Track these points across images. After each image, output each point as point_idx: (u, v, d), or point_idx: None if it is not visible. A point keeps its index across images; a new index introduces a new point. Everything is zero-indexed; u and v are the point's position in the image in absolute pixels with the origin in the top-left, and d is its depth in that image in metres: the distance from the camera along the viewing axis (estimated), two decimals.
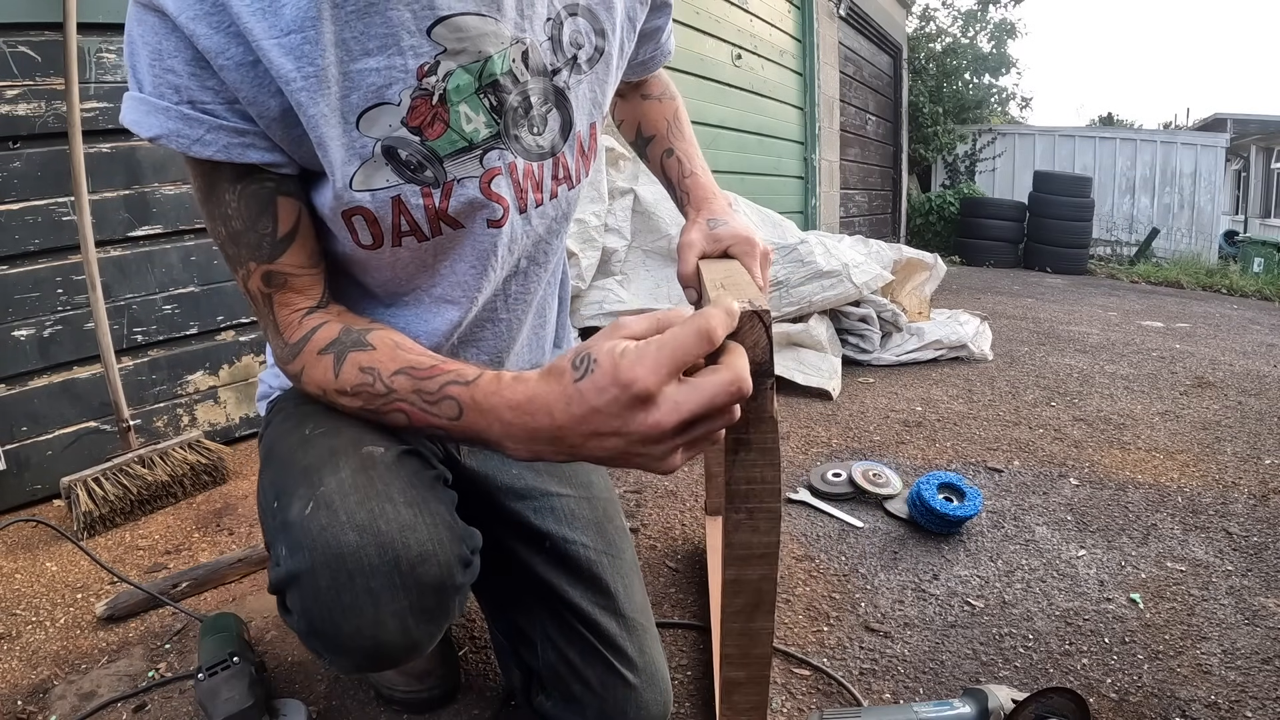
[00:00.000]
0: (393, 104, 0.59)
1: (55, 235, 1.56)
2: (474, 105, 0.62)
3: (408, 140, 0.60)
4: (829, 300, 2.49)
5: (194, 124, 0.56)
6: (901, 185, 7.94)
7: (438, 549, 0.57)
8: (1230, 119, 11.15)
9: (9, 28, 1.47)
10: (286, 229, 0.62)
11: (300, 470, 0.60)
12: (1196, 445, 1.93)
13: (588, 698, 0.78)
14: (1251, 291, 6.00)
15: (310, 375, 0.62)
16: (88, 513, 1.44)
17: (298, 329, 0.63)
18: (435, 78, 0.59)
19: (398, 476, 0.59)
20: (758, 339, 0.55)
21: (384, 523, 0.55)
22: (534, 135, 0.67)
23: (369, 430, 0.64)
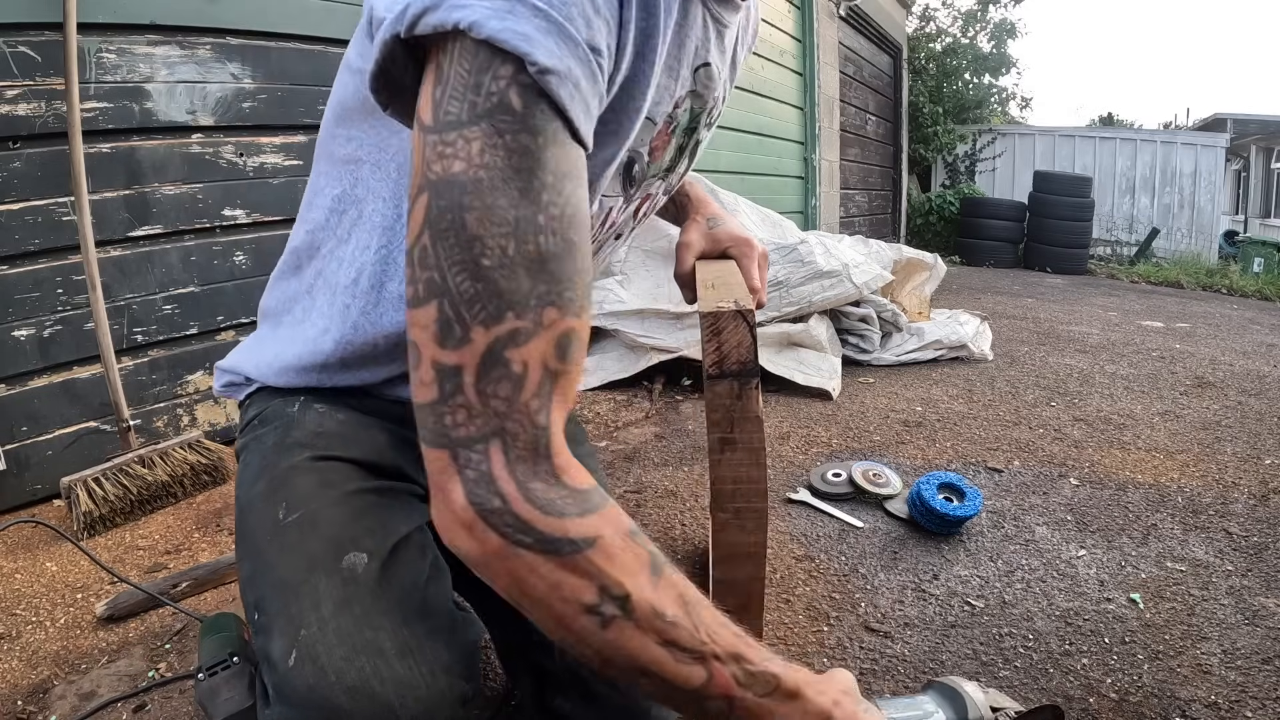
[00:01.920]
0: (655, 121, 0.58)
1: (55, 235, 1.56)
2: (677, 141, 0.63)
3: (643, 158, 0.60)
4: (829, 300, 2.49)
5: (589, 75, 0.42)
6: (901, 185, 7.94)
7: (439, 703, 0.53)
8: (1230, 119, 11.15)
9: (9, 28, 1.47)
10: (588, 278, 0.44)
11: (276, 582, 0.57)
12: (1196, 445, 1.93)
13: (610, 695, 0.76)
14: (1251, 291, 6.00)
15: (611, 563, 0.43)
16: (88, 513, 1.44)
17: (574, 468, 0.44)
18: (680, 110, 0.60)
19: (386, 608, 0.55)
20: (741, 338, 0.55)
21: (378, 683, 0.51)
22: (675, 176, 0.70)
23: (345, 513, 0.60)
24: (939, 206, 8.21)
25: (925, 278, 3.09)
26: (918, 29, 9.99)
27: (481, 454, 0.41)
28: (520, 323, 0.40)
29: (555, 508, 0.41)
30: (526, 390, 0.40)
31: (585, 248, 0.43)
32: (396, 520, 0.64)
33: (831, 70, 5.63)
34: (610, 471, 1.72)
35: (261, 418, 0.73)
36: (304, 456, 0.66)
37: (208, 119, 1.78)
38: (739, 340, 0.56)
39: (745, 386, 0.58)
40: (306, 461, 0.66)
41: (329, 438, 0.68)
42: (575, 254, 0.42)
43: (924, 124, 8.84)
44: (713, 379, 0.59)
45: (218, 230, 1.83)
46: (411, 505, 0.70)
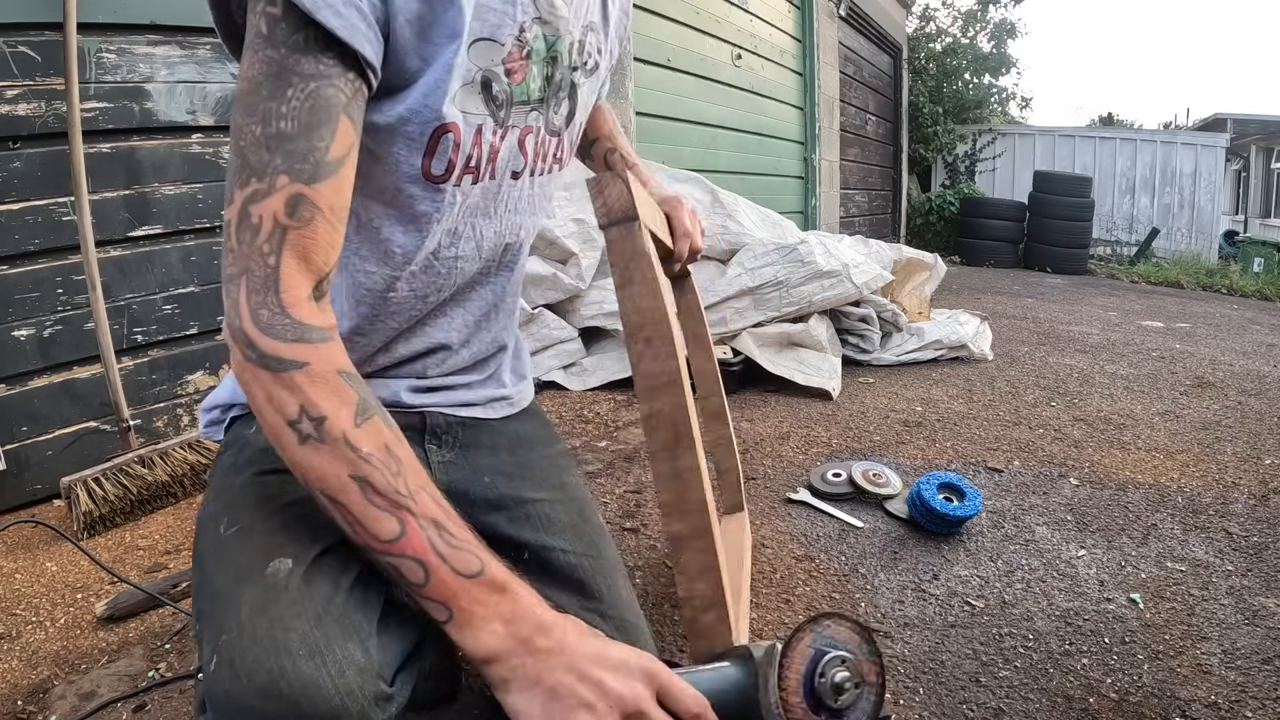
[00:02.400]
0: (499, 43, 0.64)
1: (55, 235, 1.56)
2: (539, 69, 0.69)
3: (500, 78, 0.65)
4: (829, 300, 2.49)
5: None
6: (901, 185, 7.94)
7: (347, 703, 0.54)
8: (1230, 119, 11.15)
9: (9, 28, 1.47)
10: (340, 153, 0.54)
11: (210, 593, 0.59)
12: (1196, 445, 1.93)
13: None
14: (1251, 291, 6.00)
15: (315, 390, 0.51)
16: (88, 513, 1.44)
17: (302, 307, 0.52)
18: (529, 34, 0.66)
19: (300, 612, 0.56)
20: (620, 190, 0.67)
21: (285, 684, 0.52)
22: (554, 113, 0.74)
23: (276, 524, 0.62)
24: (939, 206, 8.21)
25: (925, 278, 3.09)
26: (918, 29, 9.99)
27: (235, 287, 0.51)
28: (259, 185, 0.51)
29: (274, 331, 0.50)
30: (260, 237, 0.51)
31: (324, 131, 0.52)
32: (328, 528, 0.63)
33: (831, 70, 5.63)
34: (610, 471, 1.72)
35: (225, 443, 0.76)
36: (250, 473, 0.68)
37: (208, 119, 1.78)
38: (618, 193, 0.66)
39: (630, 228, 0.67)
40: (251, 477, 0.68)
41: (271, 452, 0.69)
42: (311, 136, 0.52)
43: (924, 124, 8.84)
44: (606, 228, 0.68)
45: (218, 230, 1.83)
46: None
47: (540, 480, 0.85)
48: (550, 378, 2.36)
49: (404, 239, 0.68)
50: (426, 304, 0.74)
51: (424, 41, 0.58)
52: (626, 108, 3.26)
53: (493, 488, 0.82)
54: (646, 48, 3.53)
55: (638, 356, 0.66)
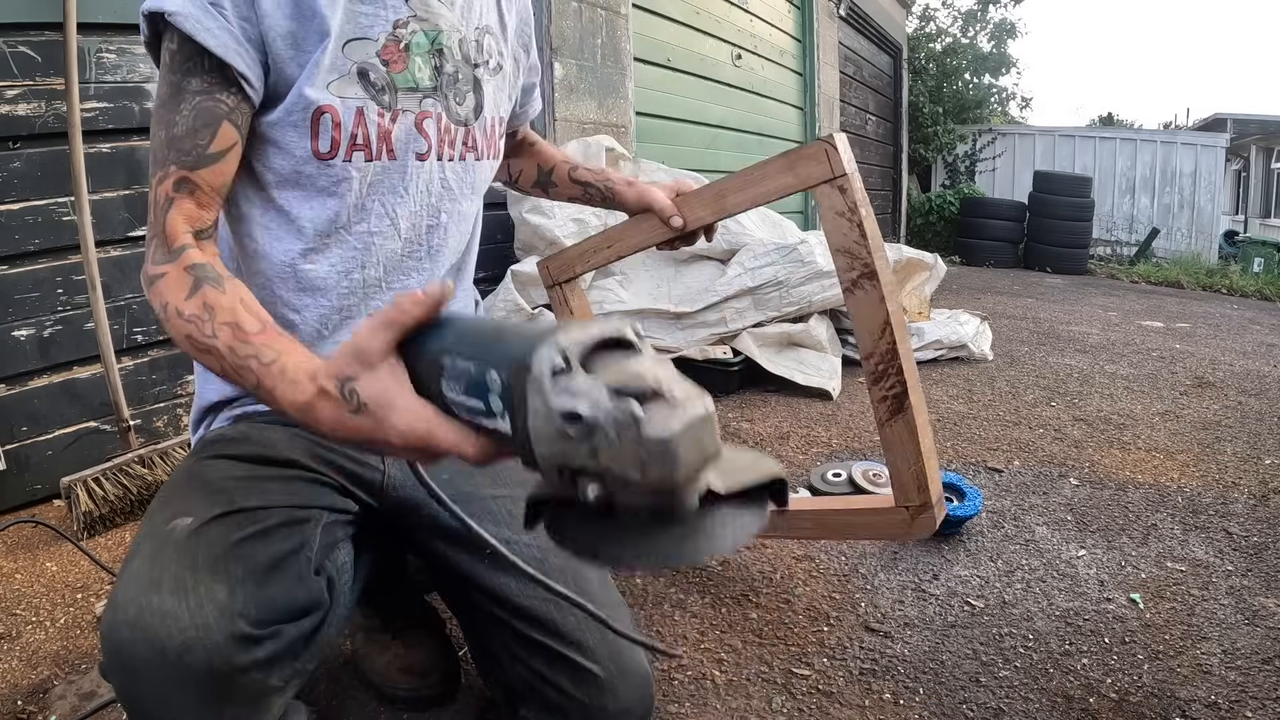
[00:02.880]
0: (371, 39, 0.74)
1: (55, 235, 1.56)
2: (425, 61, 0.78)
3: (377, 67, 0.75)
4: (829, 300, 2.49)
5: (210, 16, 0.66)
6: (901, 185, 7.94)
7: (202, 634, 0.57)
8: (1230, 119, 11.15)
9: (9, 28, 1.47)
10: (219, 148, 0.69)
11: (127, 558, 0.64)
12: (1196, 445, 1.93)
13: (566, 703, 0.76)
14: (1251, 291, 6.00)
15: (167, 285, 0.64)
16: (88, 513, 1.44)
17: (178, 239, 0.67)
18: (405, 30, 0.76)
19: (183, 556, 0.61)
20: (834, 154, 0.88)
21: (149, 615, 0.57)
22: (456, 103, 0.82)
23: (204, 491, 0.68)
24: (939, 206, 8.21)
25: (925, 278, 3.09)
26: (918, 29, 9.99)
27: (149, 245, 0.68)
28: (162, 173, 0.67)
29: (155, 259, 0.66)
30: (158, 208, 0.67)
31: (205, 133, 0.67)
32: (253, 494, 0.70)
33: (831, 70, 5.63)
34: None
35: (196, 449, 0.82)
36: (195, 457, 0.75)
37: None
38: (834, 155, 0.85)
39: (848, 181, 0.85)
40: (195, 463, 0.75)
41: (216, 443, 0.78)
42: (195, 136, 0.67)
43: (924, 124, 8.84)
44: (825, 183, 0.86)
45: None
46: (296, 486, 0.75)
47: (500, 478, 0.85)
48: None
49: (309, 213, 0.76)
50: (353, 282, 0.79)
51: (298, 51, 0.70)
52: (626, 108, 3.26)
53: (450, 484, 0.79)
54: (646, 48, 3.52)
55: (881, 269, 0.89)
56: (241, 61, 0.67)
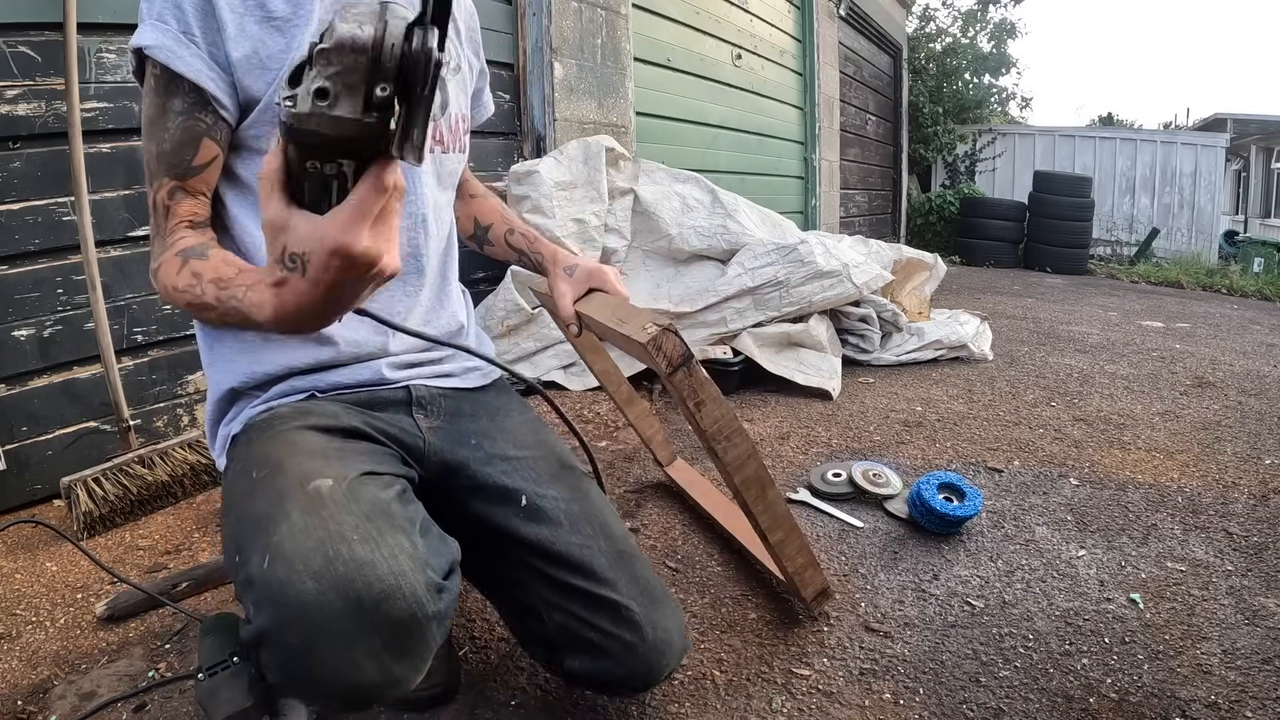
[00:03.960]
0: None
1: (55, 235, 1.56)
2: None
3: None
4: (829, 300, 2.49)
5: (183, 46, 0.73)
6: (901, 185, 7.94)
7: (400, 582, 0.58)
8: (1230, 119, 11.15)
9: (9, 28, 1.47)
10: (203, 161, 0.77)
11: (253, 520, 0.63)
12: (1196, 445, 1.93)
13: (607, 642, 0.81)
14: (1251, 291, 6.00)
15: (165, 273, 0.71)
16: (88, 513, 1.44)
17: (175, 234, 0.75)
18: None
19: (350, 510, 0.61)
20: (675, 342, 0.81)
21: (341, 564, 0.56)
22: None
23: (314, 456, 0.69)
24: (939, 206, 8.21)
25: (925, 278, 3.09)
26: (918, 29, 9.99)
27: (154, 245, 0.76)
28: (156, 184, 0.76)
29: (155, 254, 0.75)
30: (158, 213, 0.76)
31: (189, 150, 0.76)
32: (360, 462, 0.72)
33: (831, 70, 5.63)
34: (610, 472, 1.72)
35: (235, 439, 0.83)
36: (269, 434, 0.77)
37: None
38: (673, 344, 0.81)
39: (691, 367, 0.84)
40: (273, 436, 0.76)
41: (289, 418, 0.79)
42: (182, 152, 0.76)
43: (924, 124, 8.83)
44: (670, 374, 0.84)
45: None
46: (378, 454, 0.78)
47: (520, 441, 0.93)
48: (550, 378, 2.36)
49: None
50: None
51: (263, 70, 0.77)
52: (626, 108, 3.26)
53: (479, 448, 0.90)
54: (646, 48, 3.52)
55: (723, 450, 0.88)
56: (214, 85, 0.75)
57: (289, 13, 0.77)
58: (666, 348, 0.81)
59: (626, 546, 0.88)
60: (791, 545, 1.00)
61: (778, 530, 0.98)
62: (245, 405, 0.84)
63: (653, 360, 0.82)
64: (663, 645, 0.82)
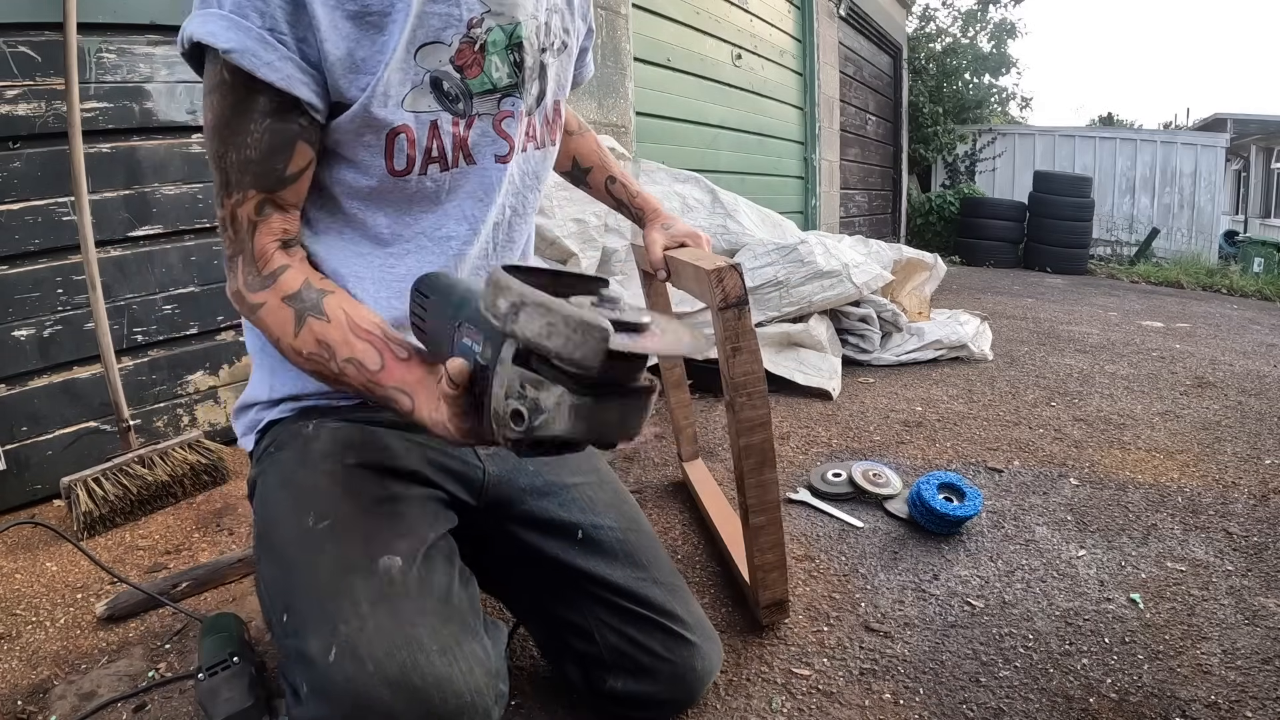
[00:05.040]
0: (445, 44, 0.71)
1: (55, 235, 1.56)
2: (502, 59, 0.75)
3: (451, 75, 0.72)
4: (829, 300, 2.49)
5: (269, 48, 0.62)
6: (901, 185, 7.94)
7: (476, 699, 0.57)
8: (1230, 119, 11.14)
9: (9, 28, 1.47)
10: (297, 169, 0.69)
11: (313, 590, 0.61)
12: (1196, 445, 1.93)
13: (658, 666, 0.83)
14: (1251, 291, 6.00)
15: (271, 319, 0.67)
16: (88, 513, 1.44)
17: (270, 261, 0.69)
18: (480, 29, 0.73)
19: (424, 608, 0.60)
20: (736, 281, 0.84)
21: (417, 677, 0.55)
22: (528, 95, 0.80)
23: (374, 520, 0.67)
24: (939, 206, 8.21)
25: (925, 278, 3.09)
26: (918, 29, 9.99)
27: (234, 263, 0.71)
28: (239, 196, 0.68)
29: (251, 285, 0.69)
30: (240, 229, 0.69)
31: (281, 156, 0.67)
32: (424, 527, 0.70)
33: (831, 70, 5.63)
34: None
35: (276, 443, 0.78)
36: (326, 467, 0.72)
37: None
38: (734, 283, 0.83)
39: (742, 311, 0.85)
40: (328, 471, 0.71)
41: (345, 448, 0.75)
42: (272, 160, 0.67)
43: (924, 124, 8.84)
44: (722, 310, 0.85)
45: (218, 230, 1.83)
46: (435, 511, 0.75)
47: (575, 467, 0.92)
48: None
49: (388, 223, 0.76)
50: None
51: (357, 73, 0.68)
52: (626, 108, 3.26)
53: (537, 475, 0.89)
54: (646, 48, 3.52)
55: (739, 406, 0.89)
56: (308, 90, 0.65)
57: (385, 5, 0.67)
58: (728, 283, 0.84)
59: (677, 580, 0.90)
60: (767, 537, 0.98)
61: (760, 514, 0.96)
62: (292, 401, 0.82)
63: (712, 291, 0.85)
64: (707, 673, 0.87)
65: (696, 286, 0.93)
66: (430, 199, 0.76)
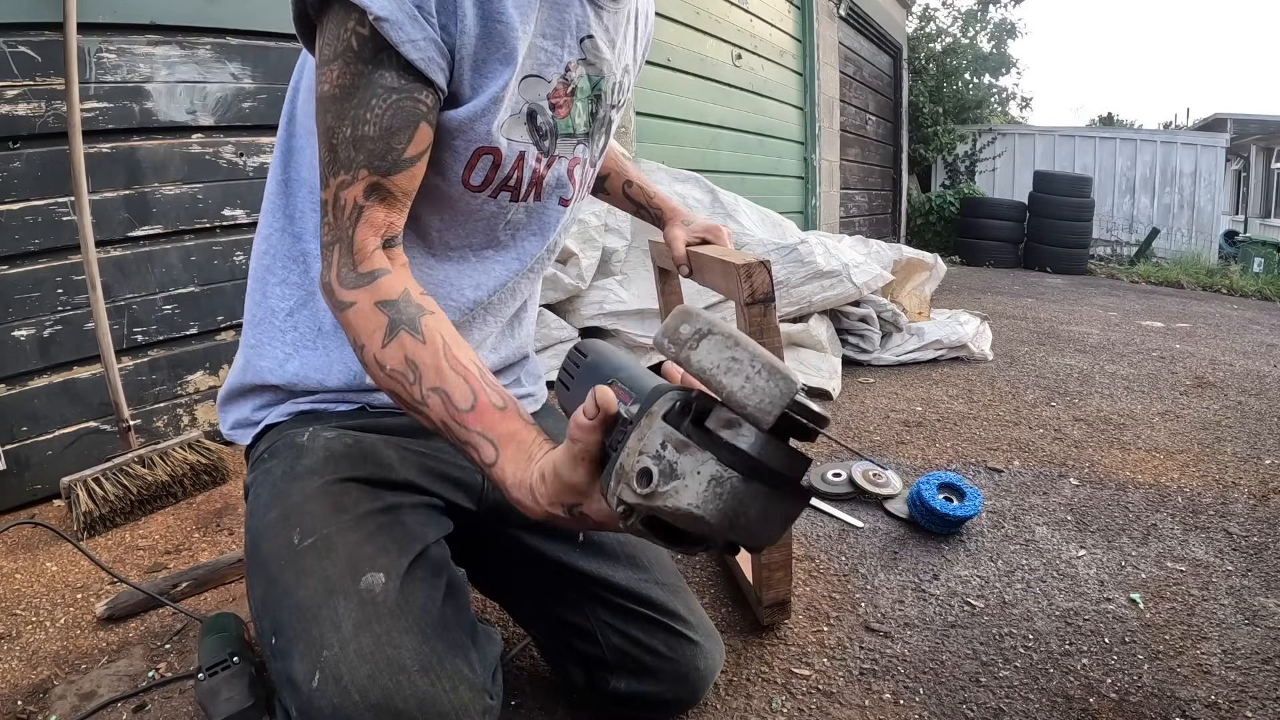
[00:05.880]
0: (545, 80, 0.73)
1: (55, 235, 1.56)
2: (584, 106, 0.78)
3: (545, 111, 0.74)
4: (829, 300, 2.49)
5: (418, 26, 0.60)
6: (901, 185, 7.94)
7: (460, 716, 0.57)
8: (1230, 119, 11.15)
9: (9, 28, 1.47)
10: (416, 152, 0.64)
11: (295, 607, 0.60)
12: (1196, 445, 1.93)
13: (661, 665, 0.83)
14: (1251, 291, 6.00)
15: (360, 322, 0.61)
16: (88, 513, 1.44)
17: (369, 259, 0.62)
18: (574, 74, 0.75)
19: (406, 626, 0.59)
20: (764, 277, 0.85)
21: (400, 700, 0.55)
22: (596, 147, 0.83)
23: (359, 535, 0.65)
24: (939, 206, 8.21)
25: (925, 278, 3.09)
26: (918, 29, 9.99)
27: (331, 251, 0.64)
28: (346, 176, 0.62)
29: (344, 280, 0.62)
30: (343, 213, 0.63)
31: (402, 136, 0.62)
32: (410, 538, 0.68)
33: (831, 70, 5.63)
34: None
35: (270, 450, 0.77)
36: (316, 483, 0.70)
37: (208, 119, 1.78)
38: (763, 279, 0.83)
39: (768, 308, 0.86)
40: (318, 487, 0.70)
41: (338, 460, 0.73)
42: (391, 139, 0.62)
43: (924, 124, 8.84)
44: (749, 305, 0.86)
45: (218, 230, 1.83)
46: (425, 518, 0.74)
47: None
48: (551, 377, 2.36)
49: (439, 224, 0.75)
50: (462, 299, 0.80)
51: (477, 75, 0.66)
52: (626, 108, 3.26)
53: None
54: None
55: None
56: (441, 75, 0.63)
57: (513, 21, 0.65)
58: (756, 279, 0.84)
59: (679, 581, 0.90)
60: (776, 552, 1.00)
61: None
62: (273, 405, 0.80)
63: (740, 286, 0.85)
64: (710, 672, 0.87)
65: (723, 282, 0.94)
66: (489, 221, 0.77)
